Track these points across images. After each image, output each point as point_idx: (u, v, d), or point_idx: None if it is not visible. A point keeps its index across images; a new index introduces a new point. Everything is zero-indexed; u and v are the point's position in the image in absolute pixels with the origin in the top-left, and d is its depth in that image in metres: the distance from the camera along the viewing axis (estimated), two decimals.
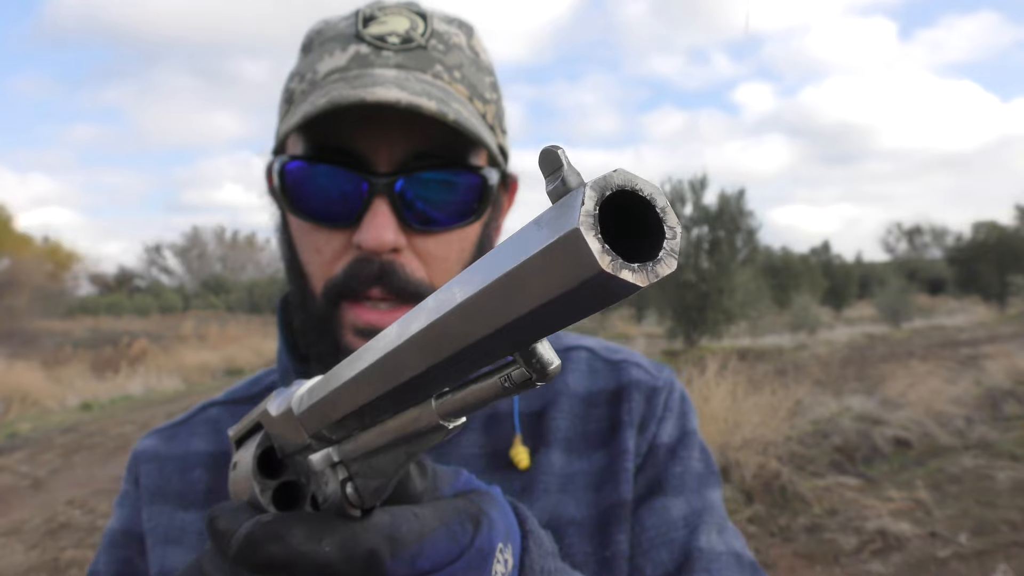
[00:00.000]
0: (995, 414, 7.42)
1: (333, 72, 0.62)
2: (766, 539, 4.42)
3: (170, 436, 0.76)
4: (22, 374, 11.39)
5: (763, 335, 18.23)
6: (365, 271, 0.61)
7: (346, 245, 0.62)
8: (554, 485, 0.68)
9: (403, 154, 0.60)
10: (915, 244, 65.02)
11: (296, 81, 0.65)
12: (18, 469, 7.07)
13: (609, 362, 0.76)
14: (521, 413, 0.72)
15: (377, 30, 0.63)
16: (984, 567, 3.92)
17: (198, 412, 0.78)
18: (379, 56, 0.62)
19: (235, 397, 0.77)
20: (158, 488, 0.73)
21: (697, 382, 5.58)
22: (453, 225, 0.63)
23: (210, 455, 0.73)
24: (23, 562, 4.61)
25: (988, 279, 27.90)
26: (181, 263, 67.07)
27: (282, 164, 0.62)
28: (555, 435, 0.70)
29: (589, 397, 0.73)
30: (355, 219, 0.60)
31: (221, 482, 0.71)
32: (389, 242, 0.59)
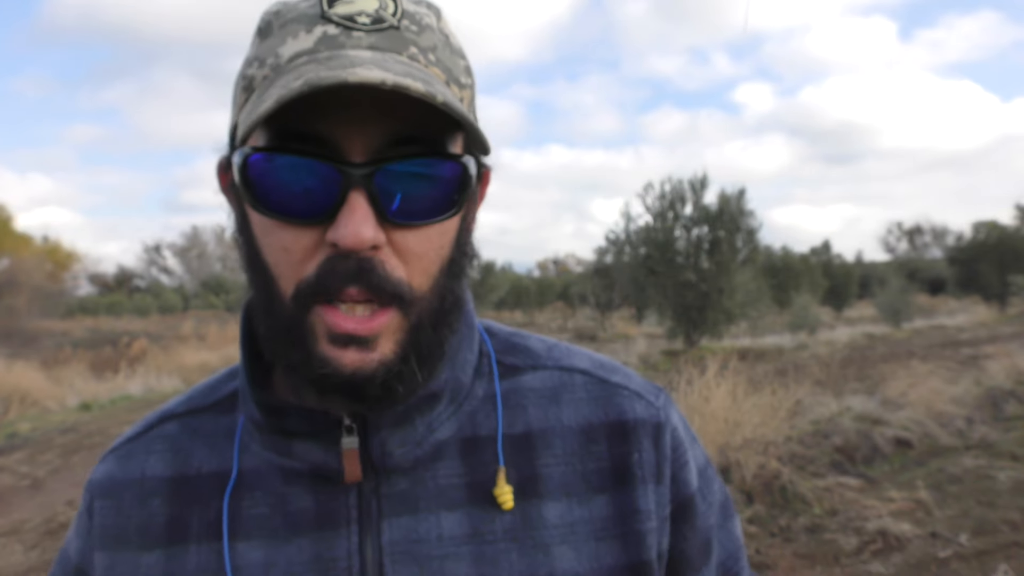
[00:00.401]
0: (996, 414, 7.42)
1: (300, 55, 0.56)
2: (766, 539, 4.41)
3: (125, 455, 0.69)
4: (21, 374, 11.36)
5: (763, 335, 18.23)
6: (340, 269, 0.54)
7: (318, 242, 0.55)
8: (551, 538, 0.63)
9: (379, 141, 0.55)
10: (915, 244, 65.04)
11: (255, 67, 0.58)
12: (17, 469, 7.07)
13: (606, 384, 0.69)
14: (504, 436, 0.65)
15: (344, 10, 0.57)
16: (985, 567, 3.91)
17: (155, 425, 0.70)
18: (350, 37, 0.56)
19: (193, 407, 0.69)
20: (117, 529, 0.65)
21: (697, 382, 5.57)
22: (434, 218, 0.57)
23: (169, 481, 0.66)
24: (22, 562, 4.61)
25: (989, 279, 27.86)
26: (181, 263, 67.08)
27: (244, 156, 0.55)
28: (548, 484, 0.64)
29: (588, 431, 0.67)
30: (329, 214, 0.54)
31: (183, 514, 0.64)
32: (369, 239, 0.53)
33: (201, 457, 0.66)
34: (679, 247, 15.26)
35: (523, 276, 38.37)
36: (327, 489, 0.62)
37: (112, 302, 44.21)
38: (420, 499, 0.62)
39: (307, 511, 0.62)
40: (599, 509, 0.64)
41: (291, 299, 0.56)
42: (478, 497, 0.63)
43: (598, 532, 0.64)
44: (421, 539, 0.61)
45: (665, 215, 15.27)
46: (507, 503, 0.62)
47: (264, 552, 0.61)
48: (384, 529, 0.61)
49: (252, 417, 0.63)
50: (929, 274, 38.99)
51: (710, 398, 5.41)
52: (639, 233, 15.99)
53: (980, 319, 21.83)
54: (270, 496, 0.63)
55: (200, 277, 63.11)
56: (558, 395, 0.68)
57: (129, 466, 0.67)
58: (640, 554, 0.64)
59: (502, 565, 0.61)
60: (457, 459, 0.64)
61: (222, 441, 0.66)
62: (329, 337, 0.55)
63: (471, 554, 0.61)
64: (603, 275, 23.08)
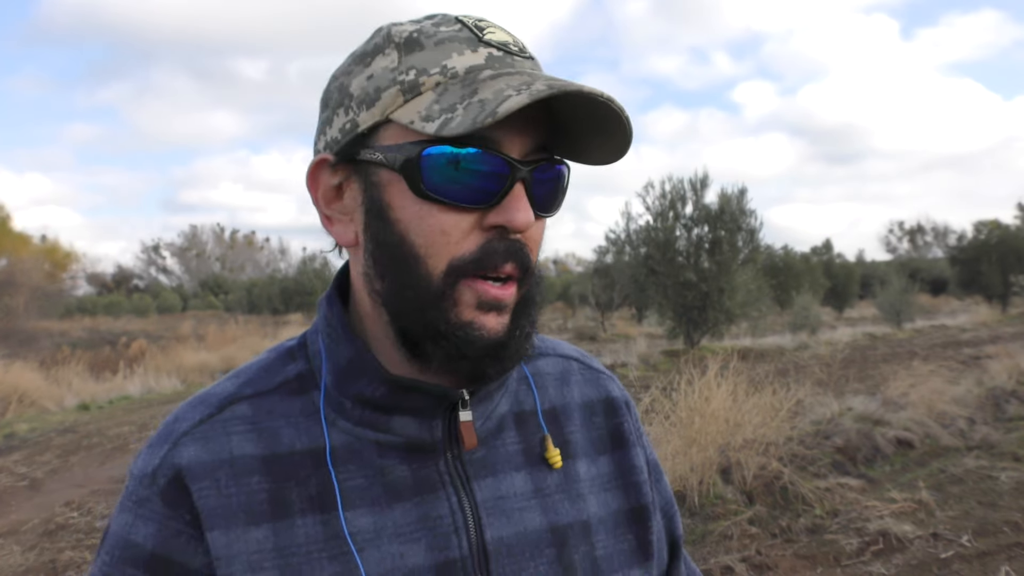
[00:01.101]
0: (998, 415, 7.40)
1: (478, 68, 0.65)
2: (767, 540, 4.39)
3: (203, 438, 0.70)
4: (20, 374, 11.33)
5: (764, 335, 18.21)
6: (501, 248, 0.65)
7: (473, 226, 0.65)
8: (584, 490, 0.79)
9: (529, 146, 0.66)
10: (917, 243, 65.01)
11: (413, 74, 0.65)
12: (16, 470, 7.05)
13: (593, 370, 0.88)
14: (542, 412, 0.81)
15: (492, 38, 0.67)
16: (986, 568, 3.90)
17: (224, 407, 0.71)
18: (513, 60, 0.66)
19: (260, 390, 0.73)
20: (223, 509, 0.67)
21: (698, 382, 5.55)
22: (552, 212, 0.71)
23: (261, 459, 0.69)
24: (20, 563, 4.59)
25: (990, 279, 27.83)
26: (179, 263, 67.12)
27: (419, 151, 0.63)
28: (575, 448, 0.81)
29: (589, 406, 0.85)
30: (494, 202, 0.64)
31: (282, 490, 0.68)
32: (531, 223, 0.66)
33: (289, 435, 0.70)
34: (679, 247, 15.23)
35: None
36: (418, 458, 0.71)
37: (111, 302, 44.22)
38: (496, 463, 0.75)
39: (405, 479, 0.70)
40: (604, 467, 0.82)
41: (442, 274, 0.65)
42: (532, 460, 0.77)
43: (606, 485, 0.81)
44: (504, 496, 0.73)
45: (665, 214, 15.25)
46: (557, 463, 0.77)
47: (371, 518, 0.68)
48: (476, 489, 0.72)
49: (365, 394, 0.70)
50: (930, 274, 38.96)
51: (711, 398, 5.39)
52: (639, 233, 15.97)
53: (982, 319, 21.79)
54: (366, 468, 0.70)
55: (199, 277, 63.14)
56: (566, 377, 0.85)
57: (213, 448, 0.69)
58: (639, 499, 0.82)
59: (560, 512, 0.76)
60: (514, 430, 0.78)
61: (303, 420, 0.71)
62: (477, 304, 0.65)
63: (539, 505, 0.75)
64: (603, 275, 23.05)
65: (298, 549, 0.66)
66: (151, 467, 0.69)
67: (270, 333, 21.99)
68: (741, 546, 4.28)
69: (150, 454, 0.71)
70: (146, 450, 0.72)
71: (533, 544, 0.73)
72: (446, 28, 0.67)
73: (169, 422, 0.72)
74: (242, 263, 74.54)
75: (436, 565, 0.68)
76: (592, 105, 0.64)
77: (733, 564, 3.97)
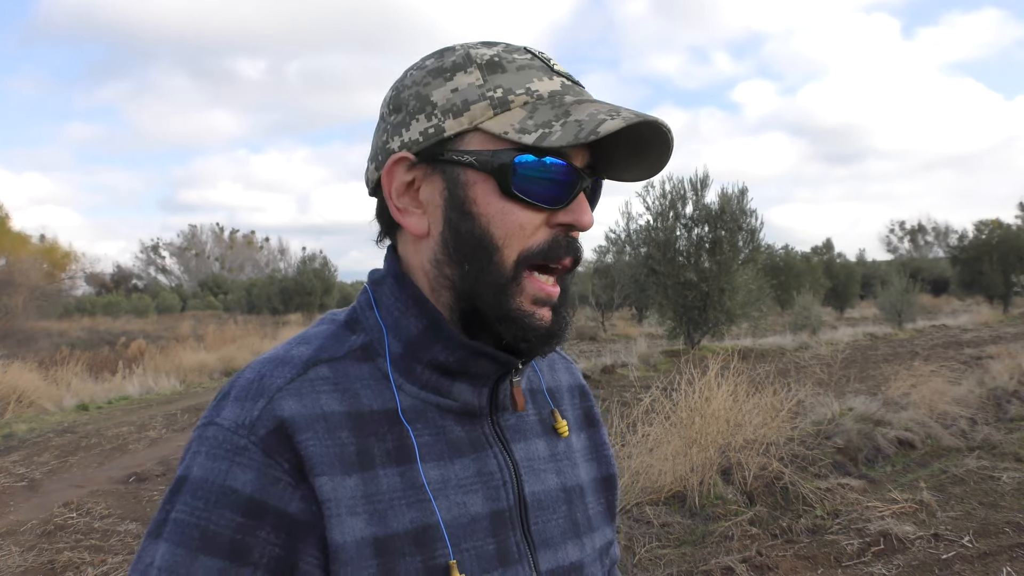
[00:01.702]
0: (999, 415, 7.39)
1: (560, 94, 0.77)
2: (768, 540, 4.38)
3: (297, 394, 0.75)
4: (18, 374, 11.30)
5: (765, 335, 18.19)
6: (564, 243, 0.78)
7: (543, 223, 0.77)
8: (578, 459, 0.94)
9: (585, 161, 0.79)
10: (918, 243, 65.01)
11: (500, 92, 0.76)
12: (14, 470, 7.04)
13: (566, 360, 1.03)
14: (547, 390, 0.95)
15: (559, 68, 0.80)
16: (988, 569, 3.89)
17: (310, 367, 0.78)
18: (580, 90, 0.79)
19: (334, 355, 0.80)
20: (325, 456, 0.73)
21: (698, 383, 5.53)
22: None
23: (347, 416, 0.76)
24: (19, 564, 4.58)
25: (992, 279, 27.82)
26: (178, 263, 67.16)
27: (511, 157, 0.75)
28: (570, 423, 0.95)
29: (571, 389, 1.00)
30: (565, 204, 0.77)
31: (365, 444, 0.75)
32: (592, 224, 0.79)
33: (368, 396, 0.78)
34: (680, 246, 15.21)
35: None
36: (468, 421, 0.82)
37: (109, 302, 44.20)
38: (525, 430, 0.87)
39: (461, 438, 0.80)
40: (582, 442, 0.97)
41: (513, 263, 0.76)
42: (546, 430, 0.91)
43: (587, 456, 0.96)
44: (533, 457, 0.86)
45: (666, 214, 15.23)
46: (565, 433, 0.91)
47: (439, 471, 0.78)
48: (514, 450, 0.84)
49: (439, 359, 0.79)
50: (932, 274, 38.92)
51: (711, 399, 5.38)
52: (640, 232, 15.96)
53: (983, 319, 21.79)
54: (431, 427, 0.79)
55: (198, 277, 63.18)
56: (553, 365, 0.99)
57: (306, 403, 0.75)
58: (608, 469, 0.99)
59: (567, 476, 0.90)
60: (531, 403, 0.90)
61: (374, 383, 0.79)
62: (533, 298, 0.77)
63: (554, 468, 0.88)
64: (603, 275, 23.05)
65: (382, 496, 0.74)
66: (248, 419, 0.73)
67: (269, 333, 21.97)
68: (742, 547, 4.27)
69: (242, 407, 0.74)
70: (233, 404, 0.75)
71: (554, 500, 0.87)
72: (519, 56, 0.79)
73: (253, 379, 0.76)
74: (241, 263, 74.56)
75: (491, 513, 0.80)
76: (647, 131, 0.77)
77: (734, 565, 3.95)
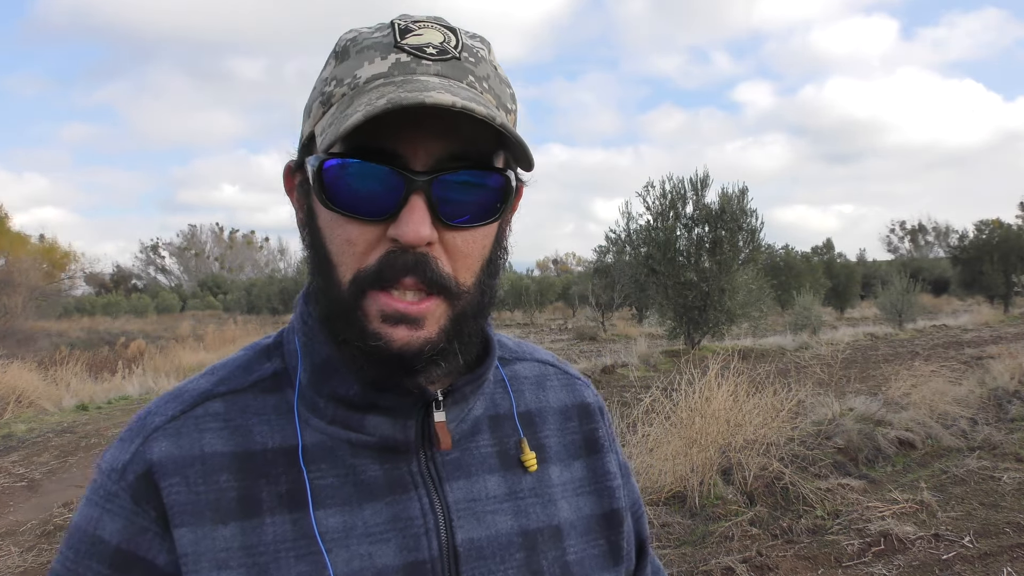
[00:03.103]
0: (1000, 415, 7.38)
1: (377, 77, 0.66)
2: (768, 541, 4.37)
3: (176, 434, 0.70)
4: (18, 375, 11.30)
5: (765, 335, 18.18)
6: (399, 262, 0.64)
7: (379, 238, 0.65)
8: (556, 495, 0.79)
9: (438, 155, 0.65)
10: (918, 243, 65.01)
11: (333, 85, 0.68)
12: (14, 471, 7.04)
13: (568, 375, 0.89)
14: (518, 415, 0.81)
15: (414, 41, 0.67)
16: (989, 570, 3.88)
17: (197, 404, 0.72)
18: (420, 64, 0.66)
19: (234, 388, 0.74)
20: (192, 504, 0.67)
21: (698, 383, 5.52)
22: (480, 223, 0.68)
23: (232, 456, 0.69)
24: (18, 565, 4.58)
25: (993, 279, 27.80)
26: (178, 263, 67.18)
27: (320, 161, 0.65)
28: (549, 452, 0.81)
29: (564, 411, 0.85)
30: (392, 214, 0.64)
31: (253, 488, 0.68)
32: (425, 236, 0.63)
33: (263, 433, 0.70)
34: (680, 246, 15.20)
35: (523, 276, 38.32)
36: (391, 458, 0.71)
37: (109, 302, 44.21)
38: (470, 465, 0.75)
39: (377, 479, 0.70)
40: (578, 471, 0.82)
41: (349, 284, 0.65)
42: (507, 463, 0.78)
43: (578, 489, 0.81)
44: (476, 498, 0.74)
45: (666, 214, 15.21)
46: (533, 466, 0.78)
47: (341, 518, 0.69)
48: (448, 491, 0.72)
49: (339, 393, 0.70)
50: (932, 274, 38.86)
51: (711, 399, 5.37)
52: (640, 232, 15.94)
53: (984, 319, 21.76)
54: (338, 467, 0.70)
55: (198, 277, 63.18)
56: (542, 382, 0.86)
57: (184, 443, 0.69)
58: (612, 504, 0.83)
59: (531, 516, 0.76)
60: (488, 432, 0.78)
61: (276, 418, 0.71)
62: (382, 316, 0.65)
63: (511, 509, 0.75)
64: (603, 275, 23.04)
65: (266, 548, 0.67)
66: (121, 462, 0.69)
67: (269, 333, 21.98)
68: (742, 547, 4.26)
69: (120, 448, 0.70)
70: (116, 444, 0.71)
71: (503, 547, 0.74)
72: (379, 33, 0.69)
73: (141, 416, 0.72)
74: (241, 263, 74.58)
75: (405, 566, 0.69)
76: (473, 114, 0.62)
77: (734, 565, 3.94)
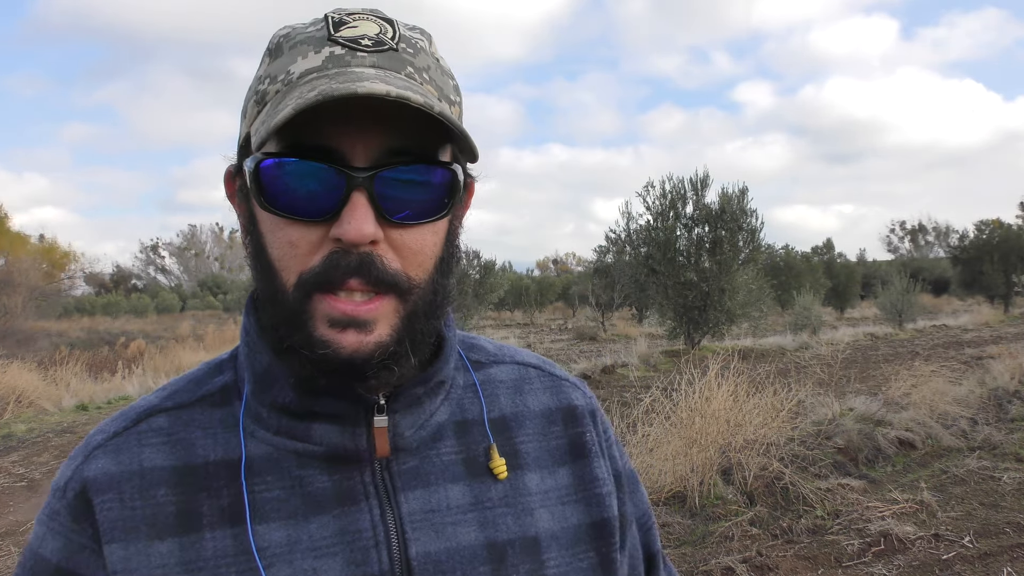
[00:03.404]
0: (1000, 415, 7.37)
1: (310, 72, 0.63)
2: (768, 541, 4.37)
3: (115, 450, 0.69)
4: (17, 375, 11.29)
5: (765, 335, 18.18)
6: (344, 262, 0.61)
7: (322, 239, 0.62)
8: (534, 503, 0.74)
9: (378, 150, 0.62)
10: (918, 243, 65.01)
11: (267, 83, 0.65)
12: (13, 471, 7.04)
13: (554, 377, 0.84)
14: (489, 420, 0.77)
15: (349, 33, 0.65)
16: (989, 570, 3.88)
17: (141, 419, 0.71)
18: (355, 57, 0.64)
19: (180, 402, 0.72)
20: (124, 522, 0.66)
21: (698, 383, 5.52)
22: (427, 219, 0.65)
23: (172, 470, 0.68)
24: None
25: (993, 279, 27.80)
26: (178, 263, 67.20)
27: (256, 162, 0.62)
28: (526, 458, 0.76)
29: (547, 414, 0.80)
30: (333, 213, 0.61)
31: (192, 502, 0.67)
32: (369, 234, 0.61)
33: (205, 447, 0.68)
34: (680, 246, 15.19)
35: (523, 276, 38.30)
36: (342, 468, 0.68)
37: (109, 302, 44.17)
38: (430, 474, 0.71)
39: (325, 490, 0.67)
40: (563, 479, 0.77)
41: (293, 288, 0.63)
42: (474, 471, 0.73)
43: (563, 498, 0.76)
44: (435, 509, 0.69)
45: (666, 214, 15.21)
46: (502, 473, 0.73)
47: (285, 532, 0.66)
48: (402, 501, 0.69)
49: (278, 401, 0.68)
50: (932, 274, 38.85)
51: (711, 399, 5.37)
52: (640, 232, 15.94)
53: (984, 319, 21.76)
54: (284, 479, 0.67)
55: (198, 277, 63.18)
56: (521, 385, 0.81)
57: (122, 459, 0.68)
58: (601, 513, 0.77)
59: (501, 527, 0.71)
60: (453, 439, 0.74)
61: (222, 431, 0.69)
62: (329, 321, 0.62)
63: (476, 520, 0.71)
64: (603, 275, 23.05)
65: (205, 564, 0.65)
66: (64, 480, 0.69)
67: None
68: (742, 547, 4.26)
69: (65, 467, 0.71)
70: (64, 463, 0.72)
71: (466, 561, 0.69)
72: (312, 28, 0.66)
73: (90, 435, 0.72)
74: (241, 263, 74.58)
75: None
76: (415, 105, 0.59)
77: (734, 565, 3.94)
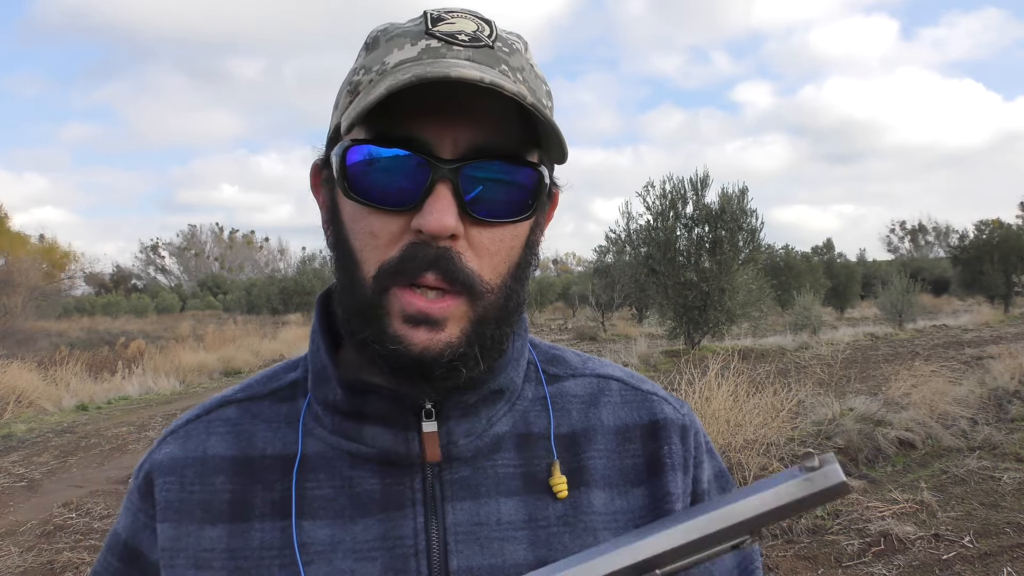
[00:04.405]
0: (1000, 415, 7.37)
1: (405, 62, 0.62)
2: (768, 541, 4.38)
3: (184, 436, 0.73)
4: (17, 375, 11.30)
5: (765, 335, 18.18)
6: (421, 254, 0.60)
7: (403, 230, 0.61)
8: (597, 523, 0.70)
9: (466, 144, 0.61)
10: (918, 243, 65.01)
11: (362, 74, 0.65)
12: (13, 471, 7.04)
13: (639, 391, 0.78)
14: (556, 436, 0.73)
15: (446, 28, 0.64)
16: (989, 570, 3.88)
17: (215, 408, 0.74)
18: (450, 50, 0.63)
19: (252, 395, 0.75)
20: (180, 503, 0.69)
21: (698, 383, 5.53)
22: (509, 219, 0.64)
23: (232, 460, 0.70)
24: (18, 565, 4.57)
25: (993, 279, 27.80)
26: (178, 263, 67.20)
27: (344, 148, 0.62)
28: (593, 475, 0.72)
29: (624, 431, 0.75)
30: (416, 204, 0.60)
31: (247, 493, 0.68)
32: (450, 227, 0.59)
33: (265, 439, 0.70)
34: (680, 246, 15.20)
35: None
36: (392, 472, 0.67)
37: (109, 302, 44.20)
38: (481, 485, 0.68)
39: (373, 493, 0.67)
40: (637, 500, 0.72)
41: (372, 279, 0.62)
42: (532, 487, 0.70)
43: (636, 520, 0.71)
44: (482, 522, 0.67)
45: (666, 214, 15.22)
46: (562, 492, 0.69)
47: (330, 531, 0.66)
48: (448, 511, 0.67)
49: (329, 399, 0.68)
50: (932, 274, 38.86)
51: (711, 399, 5.37)
52: (640, 232, 15.96)
53: (984, 319, 21.75)
54: (336, 478, 0.67)
55: (197, 277, 63.15)
56: (597, 399, 0.76)
57: (189, 445, 0.71)
58: None
59: (555, 548, 0.67)
60: (513, 452, 0.70)
61: (284, 426, 0.71)
62: (403, 316, 0.61)
63: (527, 538, 0.67)
64: (603, 275, 23.04)
65: (251, 553, 0.66)
66: (140, 463, 0.74)
67: (269, 333, 21.99)
68: None
69: (147, 451, 0.76)
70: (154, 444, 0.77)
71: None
72: (410, 23, 0.66)
73: (173, 422, 0.77)
74: (241, 263, 74.59)
75: None
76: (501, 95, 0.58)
77: None
